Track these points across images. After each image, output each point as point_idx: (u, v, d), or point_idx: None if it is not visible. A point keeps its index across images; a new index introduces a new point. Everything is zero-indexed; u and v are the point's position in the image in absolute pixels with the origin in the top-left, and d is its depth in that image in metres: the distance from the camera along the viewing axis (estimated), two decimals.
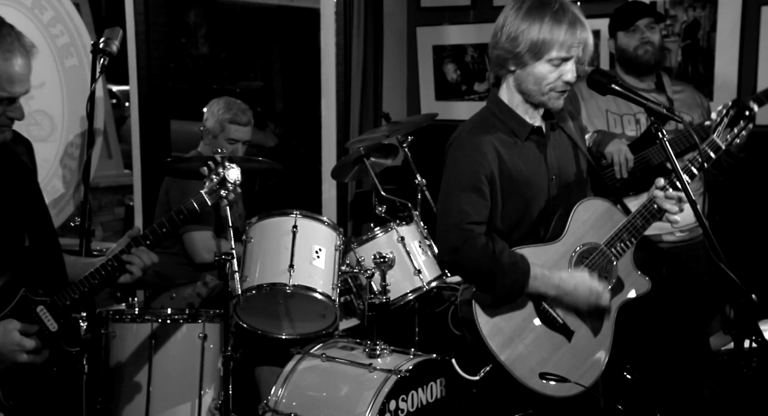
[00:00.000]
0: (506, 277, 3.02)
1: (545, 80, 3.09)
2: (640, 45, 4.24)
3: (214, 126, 4.72)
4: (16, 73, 2.75)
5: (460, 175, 3.13)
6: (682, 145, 4.11)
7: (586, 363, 3.19)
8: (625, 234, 3.21)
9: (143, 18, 5.29)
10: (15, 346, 2.71)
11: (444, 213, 3.14)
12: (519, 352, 3.10)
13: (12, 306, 2.77)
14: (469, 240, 3.04)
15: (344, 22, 5.90)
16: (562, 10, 3.04)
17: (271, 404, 3.75)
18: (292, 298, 3.97)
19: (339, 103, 5.95)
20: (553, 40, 3.01)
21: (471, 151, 3.13)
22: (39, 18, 4.73)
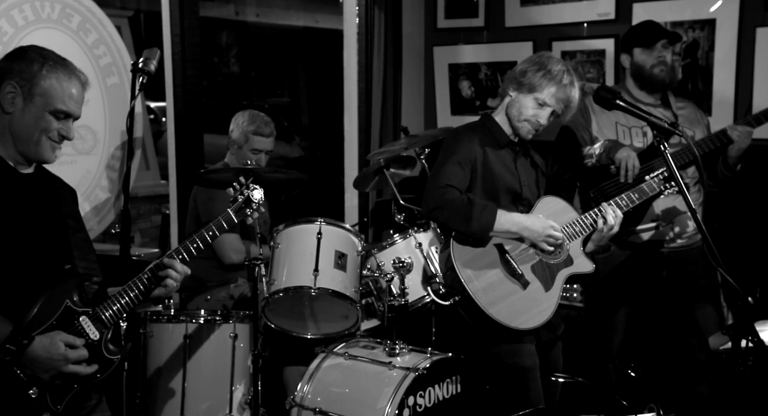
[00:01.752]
0: (478, 215, 3.55)
1: (525, 110, 3.73)
2: (656, 63, 4.22)
3: (239, 137, 4.74)
4: (74, 94, 2.85)
5: (452, 154, 3.71)
6: (686, 158, 4.11)
7: (537, 308, 3.65)
8: (577, 226, 3.75)
9: (179, 39, 5.31)
10: (60, 357, 2.71)
11: (434, 177, 3.69)
12: (483, 285, 3.60)
13: (57, 316, 2.77)
14: (447, 193, 3.60)
15: (366, 43, 5.91)
16: (568, 73, 3.70)
17: (297, 399, 3.75)
18: (317, 300, 3.98)
19: (360, 118, 5.96)
20: (548, 86, 3.67)
21: (464, 140, 3.77)
22: (84, 40, 4.77)
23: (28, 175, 2.89)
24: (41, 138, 2.83)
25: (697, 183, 4.27)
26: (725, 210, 4.68)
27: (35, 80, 2.80)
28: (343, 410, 3.62)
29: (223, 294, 4.58)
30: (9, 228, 2.75)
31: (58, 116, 2.84)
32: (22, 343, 2.66)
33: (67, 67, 2.87)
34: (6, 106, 2.80)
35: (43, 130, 2.82)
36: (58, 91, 2.82)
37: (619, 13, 5.37)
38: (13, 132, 2.82)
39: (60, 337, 2.73)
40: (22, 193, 2.84)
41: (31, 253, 2.79)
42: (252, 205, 3.16)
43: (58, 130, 2.85)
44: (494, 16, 5.98)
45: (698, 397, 4.29)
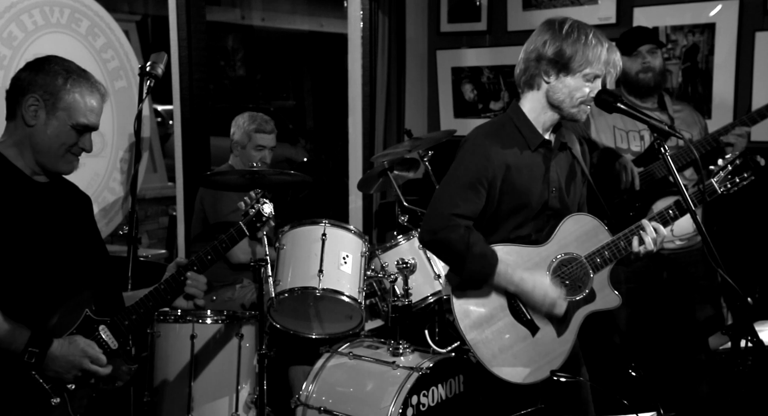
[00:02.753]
0: (474, 265, 3.06)
1: (578, 93, 3.09)
2: (641, 69, 4.22)
3: (242, 137, 4.77)
4: (95, 107, 2.85)
5: (464, 171, 3.13)
6: (683, 160, 4.10)
7: (545, 358, 3.16)
8: (607, 252, 3.17)
9: (186, 43, 5.31)
10: (80, 353, 2.72)
11: (437, 199, 3.17)
12: (485, 336, 3.12)
13: (77, 325, 2.78)
14: (449, 227, 3.07)
15: (370, 46, 5.91)
16: (599, 33, 3.10)
17: (303, 398, 3.75)
18: (322, 301, 3.98)
19: (365, 121, 5.96)
20: (595, 56, 3.05)
21: (480, 154, 3.13)
22: (92, 44, 4.77)
23: (44, 184, 2.88)
24: (62, 151, 2.82)
25: (696, 184, 4.27)
26: (725, 212, 4.68)
27: (59, 94, 2.78)
28: (347, 409, 3.62)
29: (229, 294, 4.59)
30: (25, 237, 2.74)
31: (79, 130, 2.83)
32: (44, 344, 2.66)
33: (89, 80, 2.86)
34: (28, 119, 2.78)
35: (64, 144, 2.81)
36: (81, 106, 2.80)
37: (620, 17, 5.37)
38: (33, 144, 2.80)
39: (77, 337, 2.75)
40: (38, 203, 2.83)
41: (47, 262, 2.79)
42: (262, 219, 3.16)
43: (79, 143, 2.85)
44: (497, 20, 5.99)
45: (698, 397, 4.29)
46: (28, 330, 2.66)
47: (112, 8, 5.10)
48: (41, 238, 2.79)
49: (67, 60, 2.88)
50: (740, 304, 2.72)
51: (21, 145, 2.81)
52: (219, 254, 3.02)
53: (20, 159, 2.82)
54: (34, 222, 2.78)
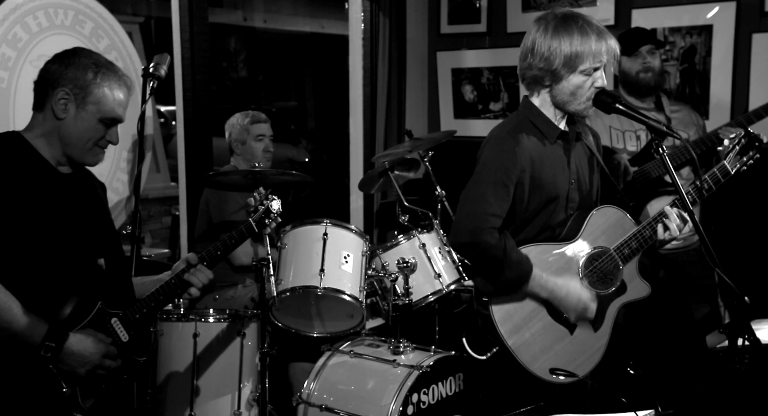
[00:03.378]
0: (511, 273, 3.03)
1: (581, 90, 3.08)
2: (641, 69, 4.22)
3: (240, 133, 4.85)
4: (123, 101, 2.88)
5: (493, 169, 3.08)
6: (679, 159, 4.11)
7: (584, 355, 3.19)
8: (634, 243, 3.19)
9: (189, 45, 5.32)
10: (96, 350, 2.75)
11: (468, 200, 3.10)
12: (525, 339, 3.11)
13: (90, 318, 2.79)
14: (486, 229, 3.02)
15: (371, 48, 5.92)
16: (586, 23, 3.05)
17: (304, 396, 3.75)
18: (323, 300, 3.98)
19: (366, 121, 5.96)
20: (584, 52, 3.02)
21: (508, 149, 3.09)
22: (96, 46, 4.77)
23: (67, 176, 2.90)
24: (90, 145, 2.85)
25: (693, 184, 4.26)
26: (721, 212, 4.68)
27: (89, 88, 2.80)
28: (348, 407, 3.63)
29: (231, 293, 4.59)
30: (46, 227, 2.75)
31: (107, 123, 2.85)
32: (61, 339, 2.68)
33: (117, 73, 2.88)
34: (58, 112, 2.80)
35: (92, 138, 2.84)
36: (110, 100, 2.83)
37: (618, 19, 5.38)
38: (62, 137, 2.82)
39: (89, 332, 2.77)
40: (61, 194, 2.84)
41: (65, 252, 2.80)
42: (271, 216, 3.18)
43: (106, 136, 2.88)
44: (496, 21, 5.99)
45: (696, 395, 4.29)
46: (46, 323, 2.68)
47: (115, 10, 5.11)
48: (61, 229, 2.80)
49: (95, 52, 2.91)
50: (737, 303, 2.72)
51: (49, 136, 2.82)
52: (228, 249, 3.06)
53: (47, 149, 2.84)
54: (56, 213, 2.80)
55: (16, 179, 2.72)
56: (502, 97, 6.06)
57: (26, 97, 4.26)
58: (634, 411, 2.43)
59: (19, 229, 2.68)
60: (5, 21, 4.27)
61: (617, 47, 3.10)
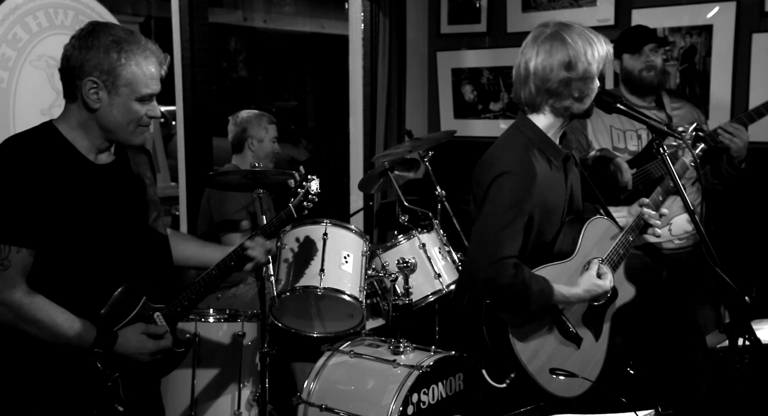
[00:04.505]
0: (536, 304, 2.95)
1: (593, 93, 3.01)
2: (645, 68, 4.21)
3: (259, 131, 4.81)
4: (154, 73, 2.71)
5: (507, 208, 2.94)
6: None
7: (590, 365, 3.19)
8: (621, 250, 3.21)
9: (189, 45, 5.31)
10: (138, 350, 2.74)
11: (482, 243, 2.97)
12: (542, 362, 3.05)
13: (135, 313, 2.77)
14: (500, 271, 2.90)
15: (371, 48, 5.92)
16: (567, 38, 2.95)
17: (304, 396, 3.75)
18: (323, 300, 3.98)
19: (366, 121, 5.97)
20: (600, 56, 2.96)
21: (522, 188, 2.95)
22: None
23: (105, 166, 2.77)
24: (133, 127, 2.71)
25: (695, 183, 4.27)
26: (723, 211, 4.68)
27: (116, 71, 2.62)
28: (348, 407, 3.62)
29: (233, 292, 4.59)
30: (86, 222, 2.68)
31: (144, 100, 2.70)
32: (109, 344, 2.68)
33: (140, 43, 2.67)
34: (91, 104, 2.64)
35: (132, 120, 2.69)
36: (141, 77, 2.66)
37: (618, 19, 5.38)
38: (101, 125, 2.68)
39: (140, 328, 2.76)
40: (98, 187, 2.73)
41: (106, 247, 2.74)
42: (309, 197, 3.18)
43: (146, 113, 2.72)
44: (496, 21, 5.99)
45: (696, 394, 4.29)
46: (94, 327, 2.65)
47: (115, 10, 5.10)
48: (99, 223, 2.72)
49: (111, 25, 2.71)
50: (738, 303, 2.72)
51: (86, 127, 2.69)
52: (268, 236, 3.12)
53: (85, 140, 2.71)
54: (93, 207, 2.70)
55: (51, 175, 2.61)
56: (502, 97, 6.06)
57: (26, 97, 4.28)
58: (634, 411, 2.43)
59: (57, 225, 2.61)
60: (5, 21, 4.27)
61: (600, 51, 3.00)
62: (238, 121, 4.84)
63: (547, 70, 2.95)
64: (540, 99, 3.01)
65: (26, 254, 2.57)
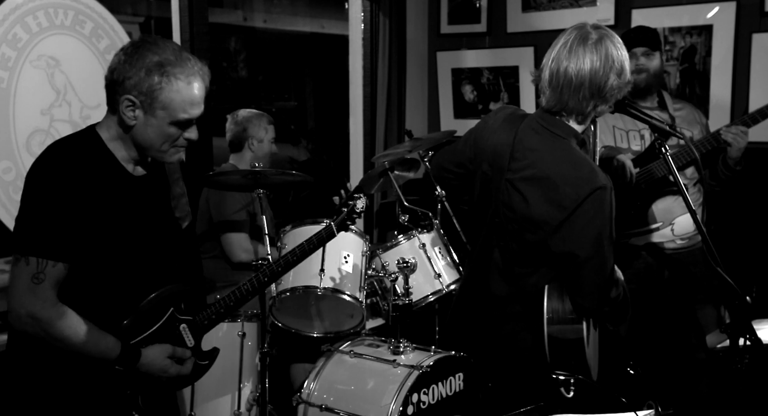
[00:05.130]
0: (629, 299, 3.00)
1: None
2: (634, 70, 4.19)
3: (259, 131, 4.79)
4: (196, 96, 2.68)
5: (612, 228, 2.87)
6: (683, 159, 4.09)
7: (596, 344, 3.18)
8: None
9: (189, 45, 5.30)
10: (160, 372, 2.75)
11: (603, 267, 2.87)
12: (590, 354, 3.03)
13: (161, 324, 2.77)
14: (617, 286, 2.92)
15: (371, 48, 5.92)
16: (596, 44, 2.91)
17: (304, 396, 3.74)
18: (323, 300, 3.98)
19: (366, 121, 5.96)
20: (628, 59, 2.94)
21: (613, 203, 2.87)
22: (96, 46, 4.76)
23: (140, 178, 2.78)
24: (167, 147, 2.71)
25: (697, 183, 4.26)
26: (723, 212, 4.68)
27: (154, 94, 2.60)
28: (348, 407, 3.62)
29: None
30: (118, 231, 2.68)
31: (182, 124, 2.69)
32: (132, 362, 2.68)
33: (185, 66, 2.64)
34: (127, 120, 2.63)
35: (166, 141, 2.68)
36: (178, 103, 2.64)
37: (618, 19, 5.38)
38: (135, 141, 2.68)
39: (166, 351, 2.77)
40: (133, 197, 2.74)
41: (139, 256, 2.74)
42: (353, 218, 3.11)
43: (183, 135, 2.72)
44: (496, 21, 5.99)
45: (696, 394, 4.29)
46: (119, 345, 2.66)
47: (115, 10, 5.09)
48: (135, 236, 2.72)
49: (162, 42, 2.67)
50: (739, 303, 2.72)
51: (123, 139, 2.69)
52: (305, 255, 3.10)
53: (122, 150, 2.71)
54: (130, 220, 2.71)
55: (92, 187, 2.61)
56: (502, 97, 6.06)
57: (26, 97, 4.27)
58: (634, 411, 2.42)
59: (94, 238, 2.61)
60: (5, 21, 4.27)
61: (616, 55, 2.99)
62: (239, 120, 4.83)
63: (604, 78, 2.88)
64: (591, 106, 2.93)
65: (62, 268, 2.56)
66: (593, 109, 2.95)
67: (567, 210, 2.83)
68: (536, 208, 2.90)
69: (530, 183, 2.92)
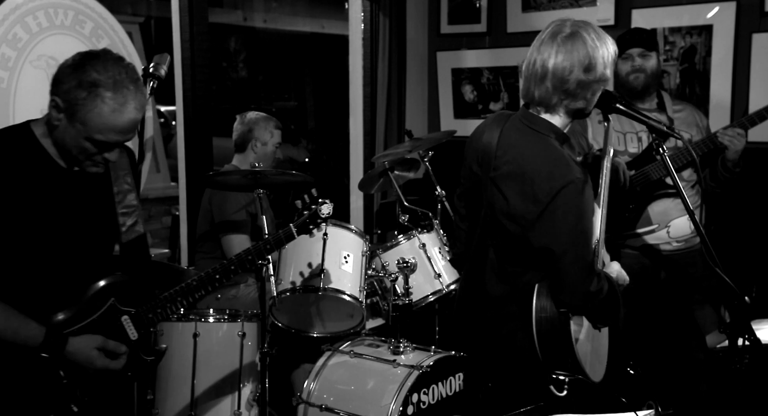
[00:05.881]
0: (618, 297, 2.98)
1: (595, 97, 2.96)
2: (631, 71, 4.20)
3: (264, 134, 4.79)
4: (118, 124, 2.64)
5: (587, 221, 2.88)
6: (681, 161, 4.09)
7: (604, 348, 3.17)
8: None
9: (189, 45, 5.31)
10: (86, 362, 2.74)
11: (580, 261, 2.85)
12: (585, 350, 3.03)
13: (100, 314, 2.77)
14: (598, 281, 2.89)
15: (371, 48, 5.92)
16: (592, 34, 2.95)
17: (304, 396, 3.75)
18: (323, 300, 3.98)
19: (366, 121, 5.97)
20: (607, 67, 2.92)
21: (588, 197, 2.89)
22: (96, 46, 4.77)
23: (75, 173, 2.77)
24: (83, 157, 2.70)
25: (695, 185, 4.26)
26: (722, 212, 4.68)
27: (76, 107, 2.59)
28: (348, 407, 3.62)
29: (233, 292, 4.58)
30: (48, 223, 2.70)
31: (98, 145, 2.66)
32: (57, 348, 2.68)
33: (117, 95, 2.60)
34: (52, 120, 2.65)
35: (82, 153, 2.68)
36: (96, 123, 2.60)
37: (618, 19, 5.38)
38: (55, 142, 2.69)
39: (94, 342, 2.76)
40: (64, 189, 2.74)
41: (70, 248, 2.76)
42: (316, 221, 3.12)
43: (104, 154, 2.70)
44: (496, 21, 5.99)
45: (696, 394, 4.29)
46: (43, 332, 2.66)
47: (115, 10, 5.10)
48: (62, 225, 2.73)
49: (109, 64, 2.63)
50: (738, 303, 2.73)
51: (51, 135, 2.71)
52: (261, 256, 3.10)
53: (53, 147, 2.72)
54: (57, 210, 2.72)
55: (18, 177, 2.65)
56: (502, 97, 6.06)
57: (26, 97, 4.28)
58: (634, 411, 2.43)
59: (18, 227, 2.63)
60: (5, 21, 4.27)
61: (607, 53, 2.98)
62: (246, 121, 4.84)
63: (566, 72, 2.88)
64: (556, 99, 2.94)
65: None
66: (559, 102, 2.93)
67: (542, 205, 2.83)
68: (514, 204, 2.91)
69: (509, 179, 2.93)
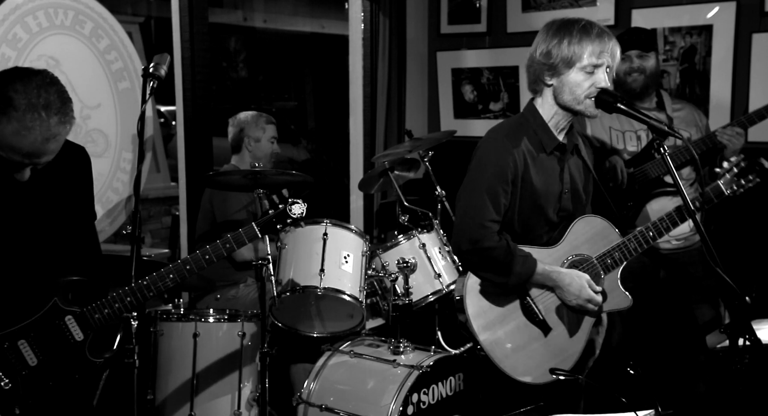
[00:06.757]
0: (520, 268, 3.09)
1: (579, 88, 3.09)
2: (629, 72, 4.20)
3: (256, 130, 4.83)
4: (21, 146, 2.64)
5: (488, 174, 3.12)
6: (680, 159, 4.10)
7: (558, 358, 3.22)
8: (617, 253, 3.27)
9: (189, 45, 5.30)
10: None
11: (467, 207, 3.15)
12: (497, 336, 3.16)
13: (42, 314, 2.77)
14: (487, 235, 3.08)
15: (371, 48, 5.92)
16: (588, 24, 3.09)
17: (304, 396, 3.75)
18: (323, 300, 3.98)
19: (366, 121, 5.96)
20: (582, 48, 3.04)
21: (503, 153, 3.13)
22: (96, 46, 4.77)
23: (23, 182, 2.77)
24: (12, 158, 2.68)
25: (693, 183, 4.26)
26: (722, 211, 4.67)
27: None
28: (348, 407, 3.62)
29: (233, 292, 4.58)
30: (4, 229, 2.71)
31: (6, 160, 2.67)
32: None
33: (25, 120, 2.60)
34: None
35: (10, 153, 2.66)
36: (12, 143, 2.62)
37: (618, 19, 5.38)
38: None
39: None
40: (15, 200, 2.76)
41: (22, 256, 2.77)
42: (285, 221, 3.11)
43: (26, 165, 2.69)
44: (496, 21, 5.99)
45: (696, 395, 4.28)
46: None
47: (115, 10, 5.10)
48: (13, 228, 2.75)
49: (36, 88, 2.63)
50: (738, 303, 2.72)
51: None
52: (221, 256, 3.06)
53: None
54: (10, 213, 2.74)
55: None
56: (502, 97, 6.06)
57: None
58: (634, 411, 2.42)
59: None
60: (5, 21, 4.27)
61: (618, 49, 3.13)
62: (236, 122, 4.89)
63: (534, 56, 3.16)
64: (535, 84, 3.22)
65: None
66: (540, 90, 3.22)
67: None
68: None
69: None
